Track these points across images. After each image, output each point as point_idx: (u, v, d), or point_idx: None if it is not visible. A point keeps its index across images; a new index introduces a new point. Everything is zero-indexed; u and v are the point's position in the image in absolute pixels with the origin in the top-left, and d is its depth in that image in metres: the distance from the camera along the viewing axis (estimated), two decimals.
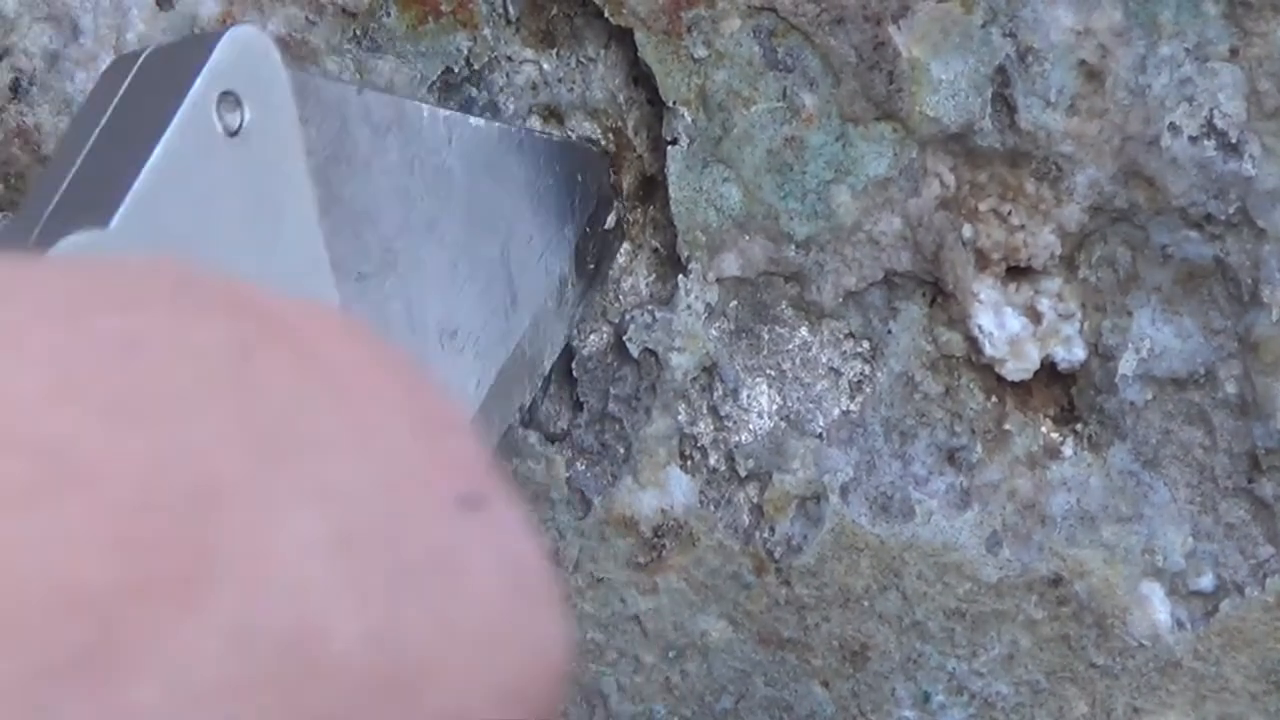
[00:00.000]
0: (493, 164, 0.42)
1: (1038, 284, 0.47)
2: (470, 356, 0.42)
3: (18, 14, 0.45)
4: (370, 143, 0.37)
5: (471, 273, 0.42)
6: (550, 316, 0.45)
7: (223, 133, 0.31)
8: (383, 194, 0.38)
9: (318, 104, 0.35)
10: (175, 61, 0.32)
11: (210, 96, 0.31)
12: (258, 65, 0.32)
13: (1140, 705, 0.49)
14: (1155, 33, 0.44)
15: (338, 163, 0.36)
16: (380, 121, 0.38)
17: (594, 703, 0.51)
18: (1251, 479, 0.47)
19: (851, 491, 0.48)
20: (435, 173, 0.40)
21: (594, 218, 0.47)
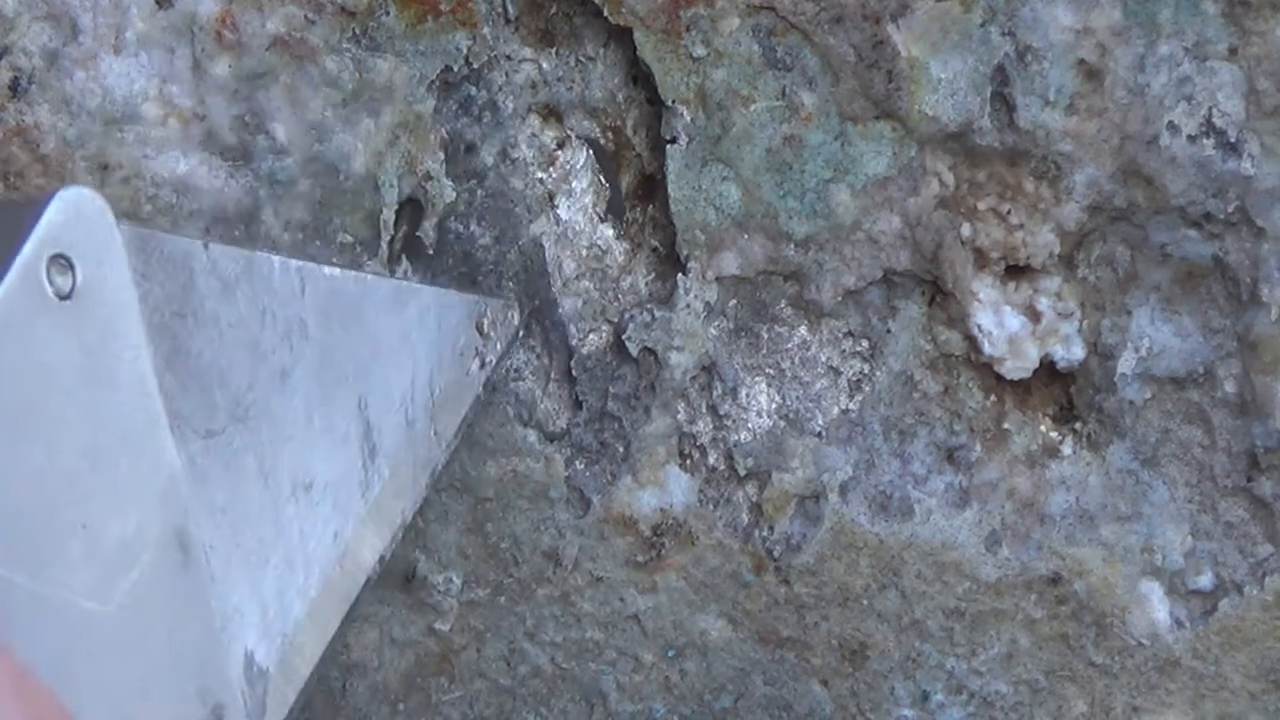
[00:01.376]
0: (349, 312, 0.42)
1: (1037, 283, 0.47)
2: (327, 508, 0.42)
3: (17, 13, 0.45)
4: (218, 296, 0.37)
5: (328, 424, 0.41)
6: (410, 466, 0.44)
7: (54, 297, 0.31)
8: (232, 348, 0.37)
9: (161, 260, 0.34)
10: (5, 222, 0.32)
11: (40, 260, 0.31)
12: (90, 226, 0.32)
13: (1139, 704, 0.49)
14: (1154, 32, 0.44)
15: (183, 318, 0.35)
16: (228, 274, 0.37)
17: (593, 701, 0.51)
18: (1250, 478, 0.47)
19: (851, 490, 0.48)
20: (288, 325, 0.39)
21: (458, 363, 0.46)
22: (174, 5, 0.45)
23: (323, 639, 0.43)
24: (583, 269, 0.49)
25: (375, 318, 0.43)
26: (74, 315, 0.31)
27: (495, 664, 0.51)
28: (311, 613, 0.42)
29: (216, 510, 0.36)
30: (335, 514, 0.42)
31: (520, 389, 0.49)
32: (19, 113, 0.45)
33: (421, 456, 0.45)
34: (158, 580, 0.34)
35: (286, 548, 0.40)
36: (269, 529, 0.40)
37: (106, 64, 0.45)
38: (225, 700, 0.35)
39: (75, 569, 0.31)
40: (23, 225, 0.31)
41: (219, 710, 0.35)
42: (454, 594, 0.50)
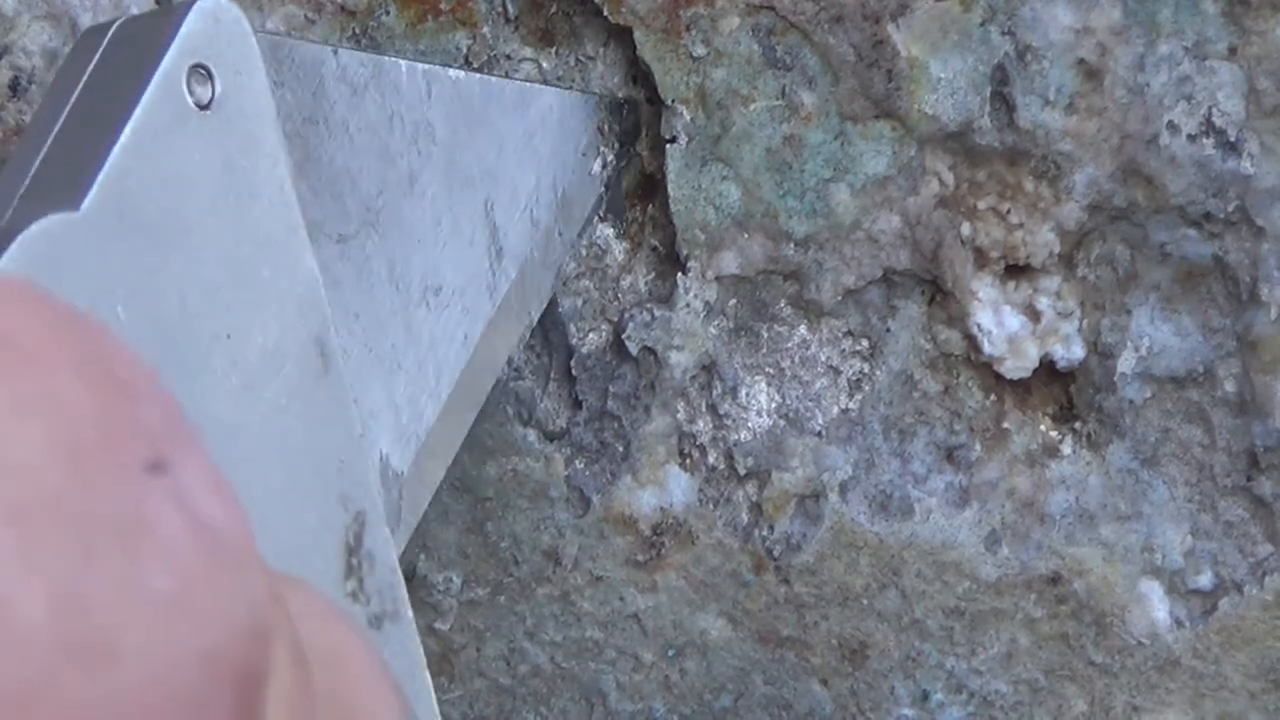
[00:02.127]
0: (474, 115, 0.42)
1: (1036, 282, 0.47)
2: (456, 312, 0.42)
3: (17, 12, 0.45)
4: (348, 102, 0.37)
5: (455, 227, 0.41)
6: (537, 267, 0.45)
7: (194, 106, 0.31)
8: (362, 154, 0.38)
9: (292, 67, 0.35)
10: (144, 34, 0.32)
11: (180, 70, 0.31)
12: (228, 36, 0.32)
13: (1139, 703, 0.49)
14: (1154, 31, 0.44)
15: (315, 125, 0.36)
16: (357, 80, 0.37)
17: (593, 701, 0.51)
18: (1250, 477, 0.47)
19: (850, 490, 0.48)
20: (415, 129, 0.40)
21: (580, 165, 0.46)
22: (174, 4, 0.45)
23: (455, 442, 0.43)
24: (583, 268, 0.49)
25: (500, 119, 0.43)
26: (214, 124, 0.31)
27: (495, 663, 0.51)
28: (444, 416, 0.42)
29: (350, 315, 0.37)
30: (464, 317, 0.42)
31: (520, 388, 0.49)
32: (19, 112, 0.45)
33: (547, 257, 0.45)
34: (300, 388, 0.33)
35: (418, 352, 0.41)
36: (401, 333, 0.40)
37: None
38: (366, 506, 0.35)
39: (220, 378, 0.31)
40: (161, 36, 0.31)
41: (361, 516, 0.35)
42: (454, 593, 0.50)
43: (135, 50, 0.31)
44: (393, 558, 0.35)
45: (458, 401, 0.43)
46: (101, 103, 0.31)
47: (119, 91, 0.31)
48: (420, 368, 0.41)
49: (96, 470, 0.17)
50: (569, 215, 0.46)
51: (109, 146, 0.29)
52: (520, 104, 0.44)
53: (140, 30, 0.32)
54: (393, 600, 0.35)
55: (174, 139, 0.31)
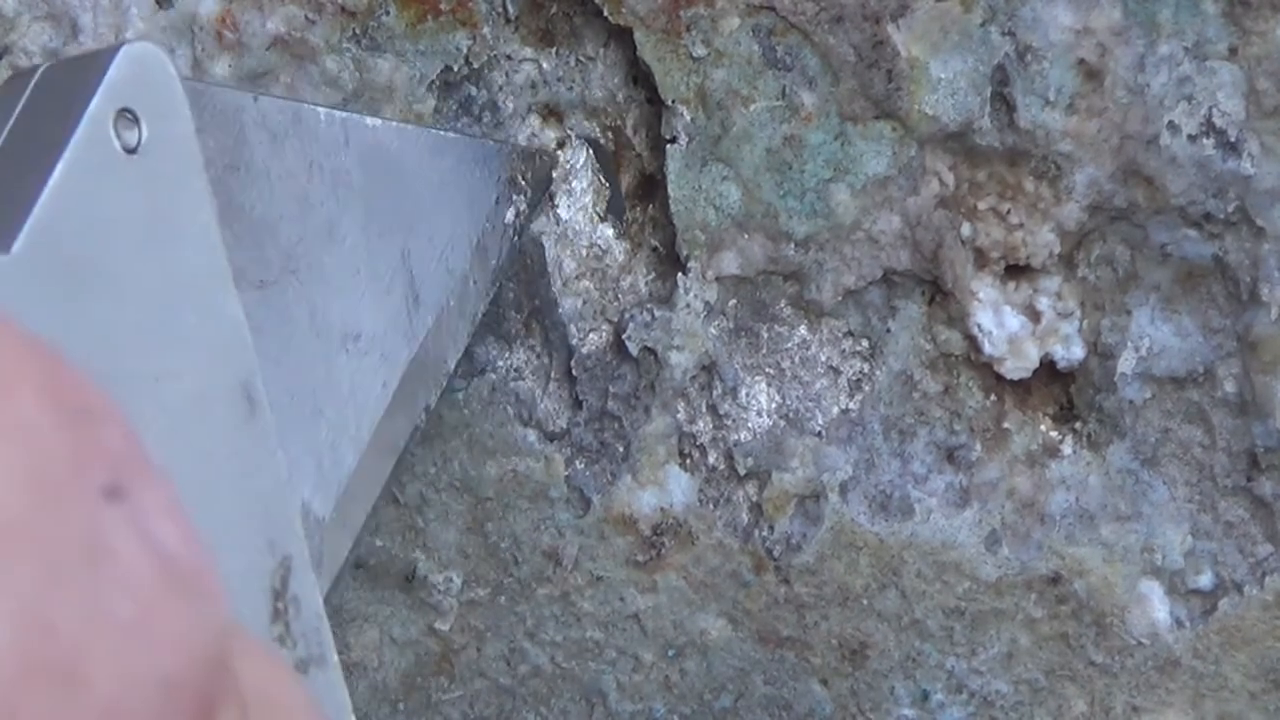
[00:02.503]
0: (390, 163, 0.42)
1: (1037, 283, 0.47)
2: (375, 359, 0.42)
3: (17, 12, 0.45)
4: (268, 149, 0.37)
5: (373, 275, 0.42)
6: (453, 315, 0.45)
7: (121, 150, 0.31)
8: (282, 201, 0.38)
9: (213, 113, 0.35)
10: (70, 79, 0.32)
11: (107, 114, 0.31)
12: (154, 80, 0.32)
13: (1139, 703, 0.49)
14: (1154, 32, 0.44)
15: (235, 171, 0.36)
16: (277, 127, 0.37)
17: (593, 701, 0.51)
18: (1250, 478, 0.47)
19: (850, 490, 0.48)
20: (333, 176, 0.40)
21: (494, 212, 0.46)
22: (174, 5, 0.45)
23: (376, 488, 0.43)
24: (583, 269, 0.49)
25: (416, 168, 0.43)
26: (141, 169, 0.32)
27: (495, 663, 0.51)
28: (364, 462, 0.42)
29: (271, 362, 0.37)
30: (383, 364, 0.43)
31: (520, 389, 0.49)
32: None
33: (463, 306, 0.46)
34: (226, 432, 0.34)
35: (338, 399, 0.41)
36: (321, 380, 0.40)
37: None
38: (293, 550, 0.35)
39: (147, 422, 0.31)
40: (88, 80, 0.31)
41: (287, 561, 0.35)
42: (454, 594, 0.50)
43: (61, 94, 0.32)
44: (318, 601, 0.35)
45: (377, 448, 0.43)
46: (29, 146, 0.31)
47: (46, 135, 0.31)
48: (340, 414, 0.41)
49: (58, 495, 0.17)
50: (484, 264, 0.46)
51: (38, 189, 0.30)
52: (435, 152, 0.44)
53: (66, 74, 0.32)
54: (319, 644, 0.35)
55: (101, 183, 0.31)
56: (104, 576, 0.17)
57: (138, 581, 0.17)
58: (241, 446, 0.34)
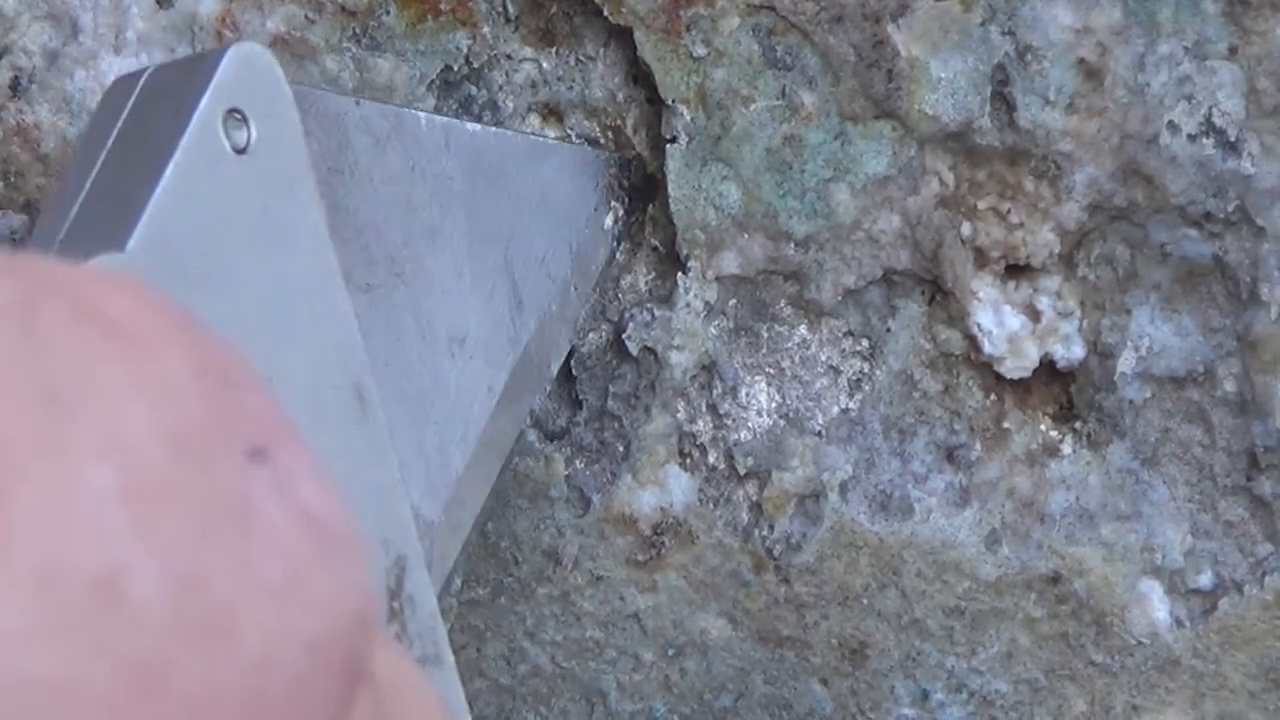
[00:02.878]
0: (491, 169, 0.42)
1: (1037, 282, 0.47)
2: (480, 363, 0.42)
3: (17, 12, 0.45)
4: (371, 153, 0.37)
5: (476, 279, 0.42)
6: (554, 320, 0.45)
7: (230, 151, 0.31)
8: (386, 204, 0.38)
9: (318, 117, 0.35)
10: (178, 81, 0.32)
11: (216, 114, 0.31)
12: (262, 81, 0.32)
13: (1139, 703, 0.49)
14: (1154, 31, 0.44)
15: (340, 175, 0.36)
16: (380, 131, 0.38)
17: (593, 700, 0.51)
18: (1250, 477, 0.47)
19: (851, 489, 0.48)
20: (436, 180, 0.40)
21: (593, 219, 0.47)
22: (174, 5, 0.45)
23: (483, 491, 0.43)
24: None
25: (517, 173, 0.44)
26: (250, 169, 0.32)
27: (495, 663, 0.51)
28: (471, 465, 0.42)
29: (380, 364, 0.37)
30: (488, 368, 0.43)
31: None
32: (19, 112, 0.45)
33: (564, 311, 0.46)
34: (340, 431, 0.34)
35: (445, 402, 0.41)
36: (428, 383, 0.40)
37: (107, 64, 0.45)
38: (407, 550, 0.35)
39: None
40: (196, 81, 0.31)
41: (401, 560, 0.35)
42: (453, 593, 0.50)
43: (169, 96, 0.32)
44: (433, 601, 0.35)
45: (484, 452, 0.43)
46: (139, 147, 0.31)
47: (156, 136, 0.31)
48: (448, 418, 0.41)
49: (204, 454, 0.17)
50: (584, 270, 0.46)
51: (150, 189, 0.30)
52: (535, 158, 0.45)
53: (173, 77, 0.32)
54: (434, 644, 0.35)
55: (212, 182, 0.31)
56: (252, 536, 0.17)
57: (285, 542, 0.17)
58: (355, 446, 0.34)
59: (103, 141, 0.32)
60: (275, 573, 0.17)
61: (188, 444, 0.17)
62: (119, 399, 0.17)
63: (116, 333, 0.17)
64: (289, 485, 0.18)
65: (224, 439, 0.17)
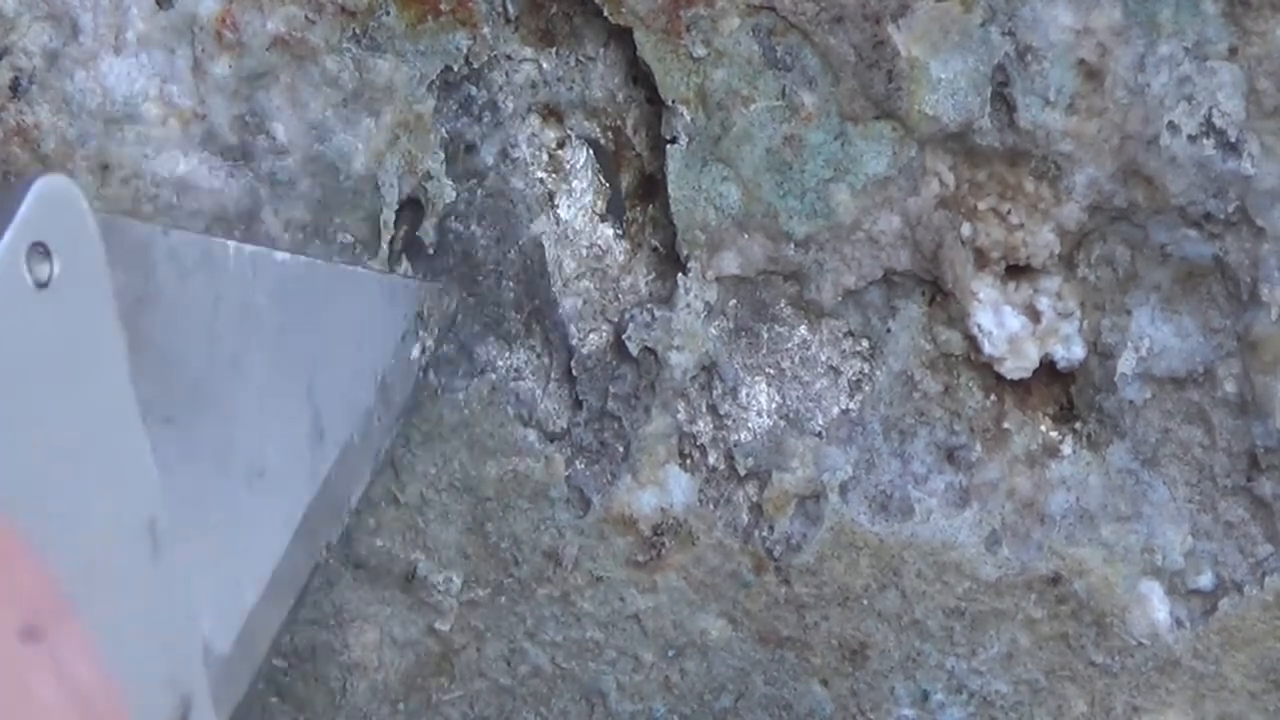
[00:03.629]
0: (298, 298, 0.42)
1: (1037, 283, 0.47)
2: (278, 495, 0.42)
3: (17, 13, 0.45)
4: (176, 283, 0.37)
5: (277, 409, 0.41)
6: (356, 450, 0.45)
7: (32, 285, 0.31)
8: (189, 334, 0.37)
9: (124, 247, 0.35)
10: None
11: (20, 249, 0.31)
12: (67, 215, 0.32)
13: (1139, 703, 0.49)
14: (1154, 32, 0.44)
15: (144, 305, 0.36)
16: (186, 261, 0.37)
17: (593, 701, 0.51)
18: (1250, 478, 0.47)
19: (851, 490, 0.48)
20: (241, 310, 0.39)
21: (400, 349, 0.46)
22: (174, 5, 0.45)
23: (275, 625, 0.43)
24: (583, 269, 0.49)
25: (323, 303, 0.43)
26: (52, 303, 0.31)
27: (495, 664, 0.51)
28: (265, 597, 0.42)
29: (177, 496, 0.36)
30: (286, 500, 0.42)
31: (520, 389, 0.49)
32: (19, 113, 0.45)
33: (366, 442, 0.46)
34: (133, 571, 0.34)
35: (241, 534, 0.41)
36: (225, 515, 0.40)
37: (107, 64, 0.45)
38: (194, 688, 0.35)
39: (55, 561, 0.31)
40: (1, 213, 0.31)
41: (188, 698, 0.35)
42: (454, 594, 0.50)
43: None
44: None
45: (278, 584, 0.42)
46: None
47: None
48: (243, 550, 0.41)
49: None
50: (388, 400, 0.46)
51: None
52: (345, 288, 0.44)
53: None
54: None
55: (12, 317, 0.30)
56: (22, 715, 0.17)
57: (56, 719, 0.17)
58: (146, 584, 0.34)
59: None
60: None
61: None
62: None
63: None
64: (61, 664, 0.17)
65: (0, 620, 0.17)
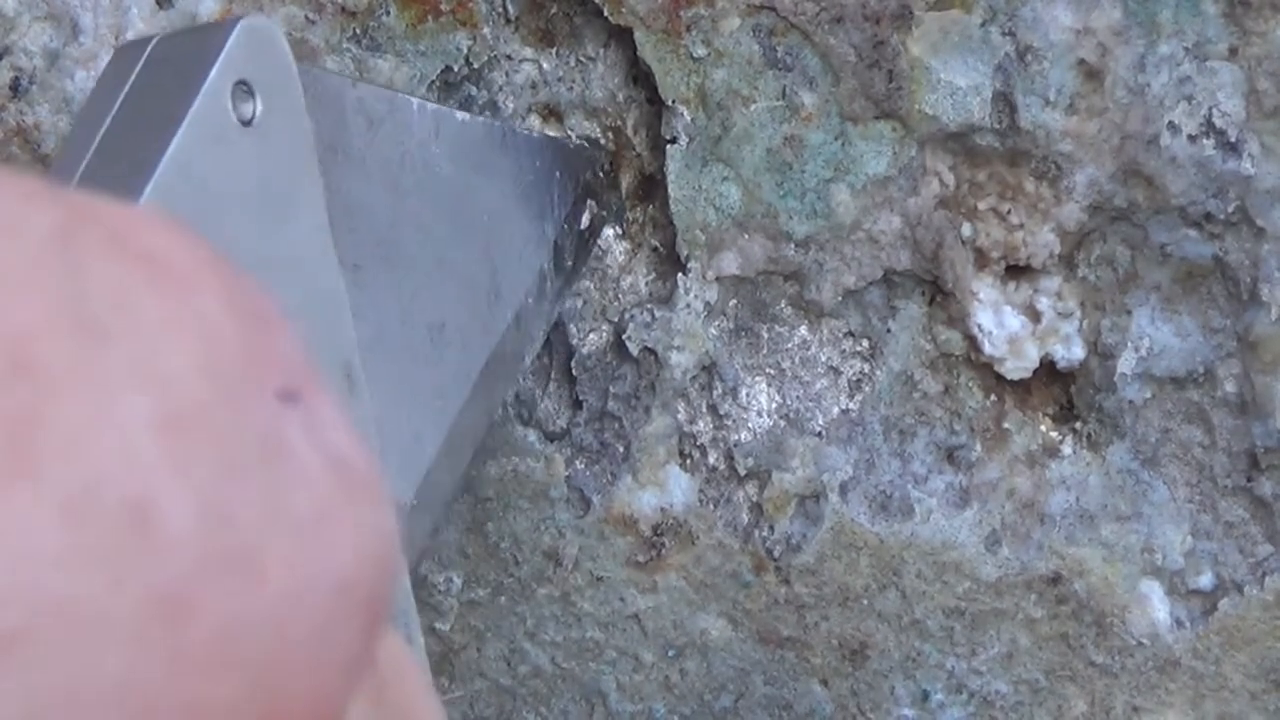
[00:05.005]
0: (477, 159, 0.42)
1: (1037, 283, 0.47)
2: (457, 350, 0.42)
3: (17, 13, 0.45)
4: (365, 135, 0.37)
5: (456, 267, 0.42)
6: (530, 312, 0.45)
7: (237, 122, 0.31)
8: (376, 186, 0.38)
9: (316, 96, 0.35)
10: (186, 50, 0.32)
11: (225, 86, 0.31)
12: (269, 55, 0.32)
13: (1139, 704, 0.49)
14: (1154, 32, 0.44)
15: (334, 154, 0.36)
16: (374, 114, 0.38)
17: (593, 701, 0.51)
18: (1250, 478, 0.47)
19: (851, 490, 0.48)
20: (424, 167, 0.40)
21: (572, 215, 0.47)
22: (174, 5, 0.45)
23: (454, 478, 0.43)
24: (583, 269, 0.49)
25: (500, 163, 0.44)
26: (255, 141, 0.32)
27: (495, 664, 0.51)
28: (445, 450, 0.42)
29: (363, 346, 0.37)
30: (464, 355, 0.43)
31: (521, 389, 0.49)
32: (19, 113, 0.45)
33: (540, 305, 0.46)
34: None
35: (422, 387, 0.41)
36: (406, 368, 0.40)
37: None
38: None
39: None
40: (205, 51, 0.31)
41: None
42: (454, 594, 0.50)
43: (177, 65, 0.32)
44: (406, 582, 0.35)
45: (458, 436, 0.43)
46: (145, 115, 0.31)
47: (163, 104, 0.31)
48: (424, 403, 0.41)
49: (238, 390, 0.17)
50: (560, 264, 0.46)
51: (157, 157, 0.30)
52: (522, 151, 0.45)
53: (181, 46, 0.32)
54: (406, 625, 0.35)
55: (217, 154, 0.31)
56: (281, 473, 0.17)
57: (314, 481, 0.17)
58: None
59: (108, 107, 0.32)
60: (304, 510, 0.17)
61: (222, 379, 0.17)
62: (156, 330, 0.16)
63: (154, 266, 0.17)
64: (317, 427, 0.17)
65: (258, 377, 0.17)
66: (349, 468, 0.18)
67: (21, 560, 0.14)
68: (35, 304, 0.16)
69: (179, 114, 0.30)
